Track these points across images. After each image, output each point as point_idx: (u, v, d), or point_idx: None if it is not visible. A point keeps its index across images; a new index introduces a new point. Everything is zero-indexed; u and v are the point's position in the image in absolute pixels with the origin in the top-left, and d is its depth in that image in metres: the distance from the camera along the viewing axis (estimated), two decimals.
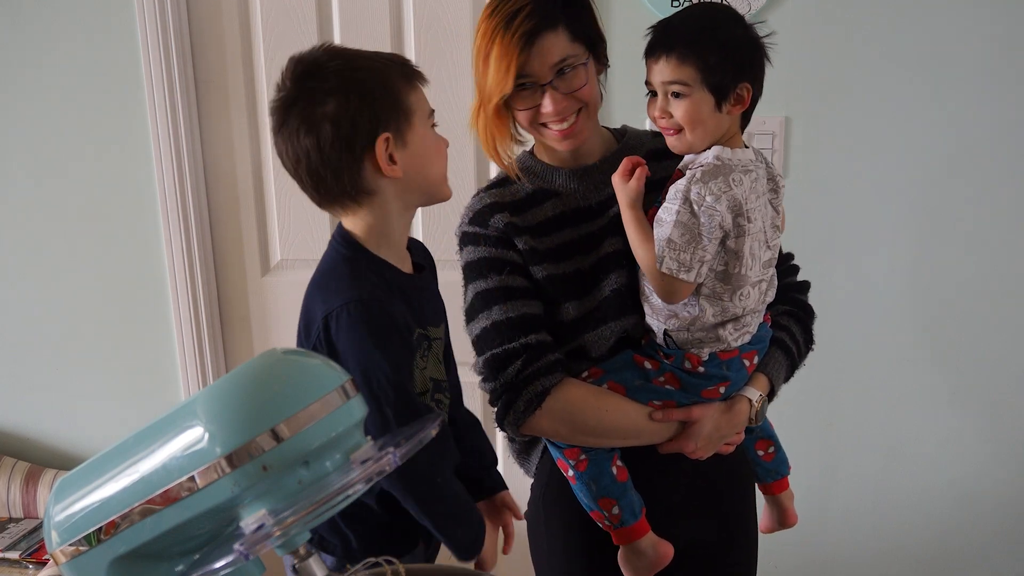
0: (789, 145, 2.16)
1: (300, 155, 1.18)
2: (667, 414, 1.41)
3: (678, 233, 1.30)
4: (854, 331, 2.24)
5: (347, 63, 1.17)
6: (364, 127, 1.15)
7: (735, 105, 1.33)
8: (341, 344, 1.18)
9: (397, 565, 0.99)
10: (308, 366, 0.86)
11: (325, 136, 1.15)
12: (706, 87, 1.30)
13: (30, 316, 2.51)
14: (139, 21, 2.25)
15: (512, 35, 1.30)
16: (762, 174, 1.36)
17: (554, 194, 1.46)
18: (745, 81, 1.32)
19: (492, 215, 1.44)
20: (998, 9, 2.05)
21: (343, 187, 1.19)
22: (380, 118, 1.16)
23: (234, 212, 2.42)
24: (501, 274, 1.41)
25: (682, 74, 1.30)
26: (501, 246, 1.43)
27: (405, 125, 1.19)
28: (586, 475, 1.44)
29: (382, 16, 2.26)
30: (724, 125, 1.34)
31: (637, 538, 1.45)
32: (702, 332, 1.37)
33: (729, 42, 1.31)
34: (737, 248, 1.32)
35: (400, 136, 1.18)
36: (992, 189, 2.14)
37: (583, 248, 1.44)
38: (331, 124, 1.15)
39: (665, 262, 1.31)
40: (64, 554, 0.88)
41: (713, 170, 1.31)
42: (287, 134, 1.19)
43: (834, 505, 2.38)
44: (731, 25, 1.33)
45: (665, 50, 1.31)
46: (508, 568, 2.54)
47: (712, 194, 1.29)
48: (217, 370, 2.48)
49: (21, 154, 2.40)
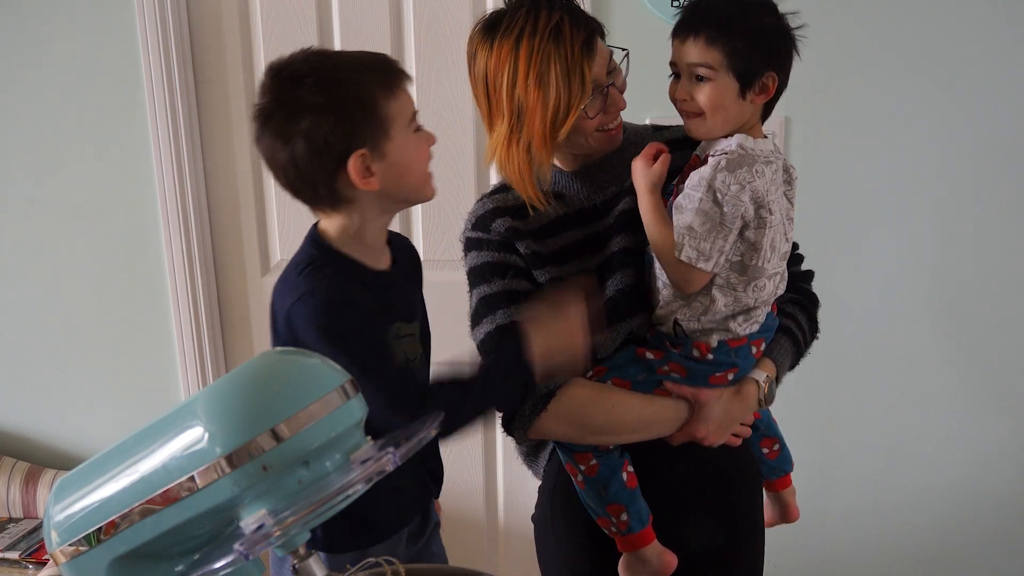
0: (789, 145, 2.16)
1: (278, 165, 1.21)
2: (677, 388, 1.40)
3: (699, 221, 1.29)
4: (854, 331, 2.24)
5: (325, 75, 1.17)
6: (337, 144, 1.16)
7: (759, 94, 1.31)
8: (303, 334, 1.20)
9: (397, 565, 0.99)
10: (308, 366, 0.86)
11: (300, 151, 1.17)
12: (732, 73, 1.28)
13: (30, 316, 2.51)
14: (139, 21, 2.25)
15: (572, 47, 1.30)
16: (780, 166, 1.35)
17: (557, 196, 1.45)
18: (772, 70, 1.30)
19: (494, 220, 1.43)
20: (998, 9, 2.05)
21: (319, 196, 1.22)
22: (355, 134, 1.17)
23: (234, 212, 2.42)
24: (504, 278, 1.41)
25: (708, 57, 1.28)
26: (503, 250, 1.42)
27: (383, 138, 1.19)
28: (597, 480, 1.43)
29: (382, 16, 2.26)
30: (746, 114, 1.32)
31: (643, 546, 1.44)
32: (712, 323, 1.36)
33: (759, 29, 1.29)
34: (756, 240, 1.31)
35: (377, 149, 1.19)
36: (992, 188, 2.15)
37: (589, 249, 1.43)
38: (304, 140, 1.16)
39: (684, 250, 1.30)
40: (64, 554, 0.88)
41: (738, 159, 1.29)
42: (265, 144, 1.21)
43: (834, 505, 2.38)
44: (763, 12, 1.31)
45: (693, 31, 1.29)
46: (513, 568, 2.55)
47: (737, 183, 1.28)
48: (217, 370, 2.48)
49: (21, 154, 2.40)
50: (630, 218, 1.40)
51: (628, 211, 1.41)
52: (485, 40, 1.34)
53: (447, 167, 2.29)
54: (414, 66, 2.27)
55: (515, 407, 1.37)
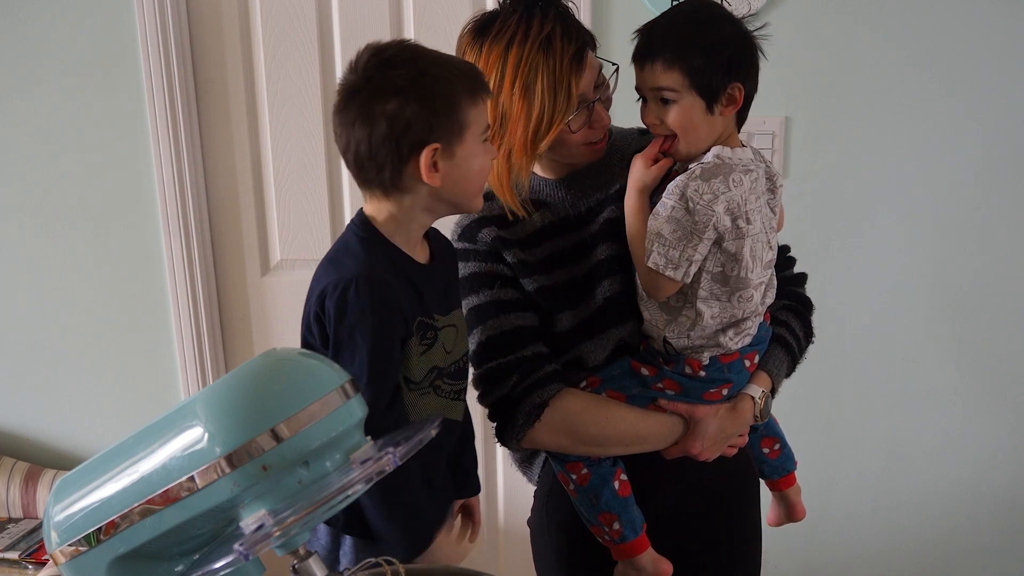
0: (789, 145, 2.16)
1: (351, 142, 1.22)
2: (672, 405, 1.40)
3: (669, 229, 1.28)
4: (855, 331, 2.24)
5: (418, 66, 1.20)
6: (417, 132, 1.19)
7: (728, 106, 1.30)
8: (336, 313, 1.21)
9: (397, 565, 0.99)
10: (308, 366, 0.86)
11: (379, 131, 1.19)
12: (695, 91, 1.27)
13: (30, 316, 2.51)
14: (139, 21, 2.25)
15: (561, 59, 1.29)
16: (762, 174, 1.34)
17: (542, 204, 1.44)
18: (735, 81, 1.29)
19: (480, 229, 1.42)
20: (998, 8, 2.05)
21: (383, 180, 1.23)
22: (434, 127, 1.19)
23: (234, 212, 2.42)
24: (492, 288, 1.40)
25: (668, 80, 1.27)
26: (491, 260, 1.42)
27: (456, 139, 1.21)
28: (588, 489, 1.42)
29: (382, 16, 2.26)
30: (719, 127, 1.32)
31: (637, 554, 1.43)
32: (702, 339, 1.35)
33: (715, 42, 1.27)
34: (736, 251, 1.30)
35: (449, 148, 1.21)
36: (992, 187, 2.15)
37: (574, 257, 1.42)
38: (387, 121, 1.18)
39: (653, 256, 1.29)
40: (64, 554, 0.87)
41: (713, 168, 1.28)
42: (344, 120, 1.22)
43: (835, 505, 2.38)
44: (717, 24, 1.29)
45: (650, 57, 1.28)
46: (512, 570, 2.55)
47: (711, 192, 1.27)
48: (217, 370, 2.48)
49: (21, 154, 2.40)
50: (615, 227, 1.39)
51: (613, 219, 1.40)
52: (475, 43, 1.34)
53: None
54: None
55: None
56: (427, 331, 1.29)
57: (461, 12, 2.21)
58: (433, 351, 1.29)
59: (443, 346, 1.31)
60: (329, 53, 2.31)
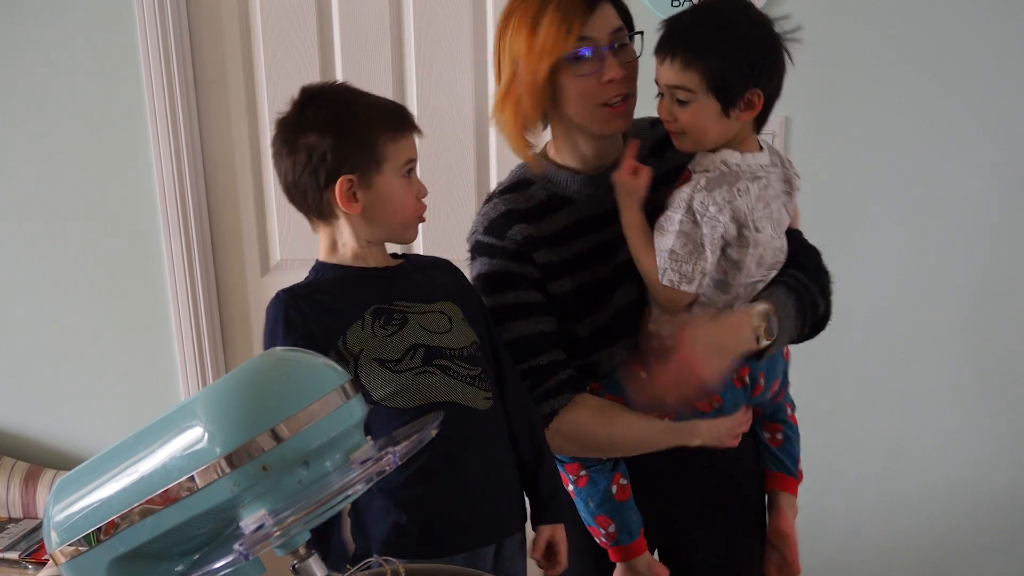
0: (789, 145, 2.16)
1: (280, 170, 1.35)
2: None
3: (680, 243, 1.27)
4: (855, 331, 2.23)
5: (343, 104, 1.32)
6: (332, 164, 1.29)
7: (745, 111, 1.26)
8: None
9: (397, 565, 0.99)
10: (308, 366, 0.86)
11: (299, 161, 1.31)
12: (711, 93, 1.23)
13: (30, 316, 2.51)
14: (139, 21, 2.25)
15: (573, 1, 1.28)
16: (774, 179, 1.31)
17: (568, 201, 1.42)
18: (755, 87, 1.24)
19: (510, 226, 1.40)
20: (998, 8, 2.05)
21: (307, 207, 1.34)
22: (348, 160, 1.29)
23: (234, 212, 2.42)
24: (517, 289, 1.39)
25: (685, 80, 1.24)
26: (518, 260, 1.40)
27: (374, 171, 1.30)
28: (584, 492, 1.43)
29: (382, 16, 2.26)
30: (732, 130, 1.28)
31: (633, 557, 1.44)
32: None
33: (739, 45, 1.23)
34: (740, 259, 1.28)
35: (366, 179, 1.30)
36: (993, 187, 2.14)
37: (600, 257, 1.41)
38: (307, 152, 1.30)
39: (667, 274, 1.28)
40: (63, 554, 0.87)
41: (718, 178, 1.26)
42: (275, 151, 1.35)
43: (835, 505, 2.38)
44: (744, 25, 1.25)
45: (670, 53, 1.24)
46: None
47: (715, 204, 1.24)
48: (217, 370, 2.48)
49: (21, 154, 2.40)
50: None
51: None
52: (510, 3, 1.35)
53: (447, 167, 2.29)
54: (414, 66, 2.27)
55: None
56: (391, 315, 1.32)
57: (461, 12, 2.21)
58: (406, 331, 1.30)
59: (422, 327, 1.32)
60: (329, 53, 2.31)
